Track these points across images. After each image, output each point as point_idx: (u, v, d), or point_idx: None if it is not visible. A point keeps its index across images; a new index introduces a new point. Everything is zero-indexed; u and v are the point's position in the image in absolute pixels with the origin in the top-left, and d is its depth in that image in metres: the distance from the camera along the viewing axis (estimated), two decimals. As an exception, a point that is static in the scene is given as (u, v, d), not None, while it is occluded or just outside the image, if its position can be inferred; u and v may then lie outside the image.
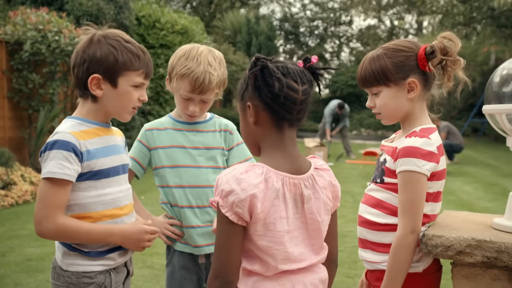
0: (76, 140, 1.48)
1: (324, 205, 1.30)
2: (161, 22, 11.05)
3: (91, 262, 1.54)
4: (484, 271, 1.48)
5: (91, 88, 1.52)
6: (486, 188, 7.60)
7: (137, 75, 1.54)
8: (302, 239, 1.29)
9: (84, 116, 1.57)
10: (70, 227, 1.47)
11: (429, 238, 1.50)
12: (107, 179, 1.55)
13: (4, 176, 6.36)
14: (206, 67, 1.83)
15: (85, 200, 1.52)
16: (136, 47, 1.55)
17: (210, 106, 1.95)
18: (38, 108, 7.70)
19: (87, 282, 1.53)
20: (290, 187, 1.25)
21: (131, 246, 1.59)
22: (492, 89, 1.60)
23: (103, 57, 1.50)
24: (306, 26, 27.45)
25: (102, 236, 1.52)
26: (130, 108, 1.58)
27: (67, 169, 1.45)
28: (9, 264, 3.94)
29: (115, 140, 1.63)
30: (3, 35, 7.53)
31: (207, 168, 1.93)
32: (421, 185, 1.52)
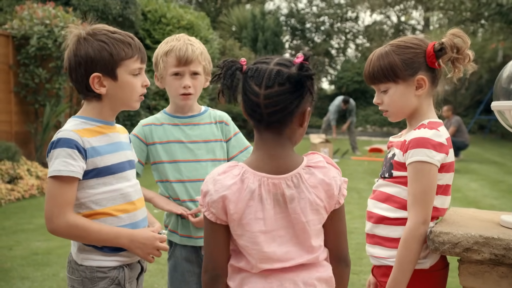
0: (79, 137, 1.49)
1: (311, 204, 1.26)
2: (167, 17, 11.06)
3: (105, 258, 1.55)
4: (491, 268, 1.47)
5: (94, 88, 1.52)
6: (492, 186, 7.56)
7: (133, 62, 1.54)
8: (289, 238, 1.27)
9: (87, 115, 1.57)
10: (80, 225, 1.48)
11: (436, 235, 1.49)
12: (115, 175, 1.56)
13: (10, 171, 6.39)
14: (187, 41, 1.95)
15: (95, 197, 1.53)
16: (123, 35, 1.55)
17: (201, 84, 1.96)
18: (44, 103, 7.73)
19: (101, 277, 1.54)
20: (269, 187, 1.24)
21: (139, 251, 1.57)
22: (501, 86, 1.58)
23: (97, 54, 1.49)
24: (312, 22, 27.34)
25: (111, 237, 1.52)
26: (137, 96, 1.59)
27: (71, 166, 1.46)
28: (15, 258, 3.96)
29: (119, 137, 1.64)
30: (10, 29, 7.56)
31: (206, 161, 1.94)
32: (432, 176, 1.51)
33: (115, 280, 1.55)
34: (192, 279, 1.96)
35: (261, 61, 1.25)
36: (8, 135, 7.49)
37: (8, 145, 6.68)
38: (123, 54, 1.51)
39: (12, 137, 7.51)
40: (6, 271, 3.65)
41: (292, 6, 27.45)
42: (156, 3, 11.39)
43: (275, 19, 18.91)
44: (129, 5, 10.04)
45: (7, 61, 7.58)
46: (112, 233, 1.52)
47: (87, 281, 1.55)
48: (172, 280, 1.99)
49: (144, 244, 1.56)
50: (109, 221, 1.55)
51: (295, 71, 1.19)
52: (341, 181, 1.31)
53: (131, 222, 1.59)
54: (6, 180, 6.29)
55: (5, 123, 7.53)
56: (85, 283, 1.55)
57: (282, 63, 1.22)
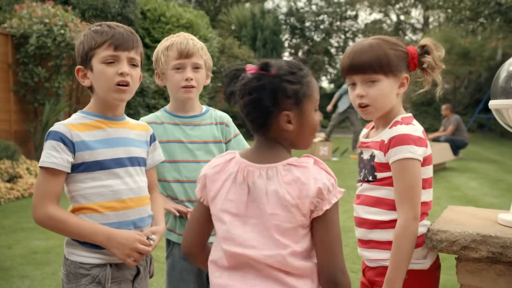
0: (68, 130, 1.49)
1: (280, 199, 1.23)
2: (166, 16, 11.06)
3: (88, 254, 1.52)
4: (489, 266, 1.48)
5: (80, 81, 1.58)
6: (492, 184, 7.56)
7: (104, 49, 1.51)
8: (260, 229, 1.25)
9: (89, 109, 1.61)
10: (58, 218, 1.47)
11: (434, 233, 1.50)
12: (106, 170, 1.53)
13: (10, 169, 6.39)
14: (187, 36, 1.97)
15: (83, 191, 1.52)
16: (102, 26, 1.55)
17: (203, 79, 1.96)
18: (43, 102, 7.73)
19: (84, 274, 1.51)
20: (244, 173, 1.28)
21: (116, 251, 1.50)
22: (499, 84, 1.59)
23: (78, 49, 1.57)
24: (312, 21, 27.33)
25: (88, 232, 1.48)
26: (111, 85, 1.53)
27: (53, 157, 1.46)
28: (15, 256, 3.96)
29: (124, 133, 1.61)
30: (9, 28, 7.55)
31: (205, 162, 1.91)
32: (417, 171, 1.52)
33: (96, 278, 1.51)
34: (190, 278, 1.95)
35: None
36: (8, 134, 7.49)
37: (7, 144, 6.68)
38: (93, 43, 1.52)
39: (11, 136, 7.51)
40: (5, 269, 3.66)
41: (292, 5, 27.44)
42: (155, 2, 11.39)
43: (274, 18, 18.89)
44: (128, 3, 10.04)
45: (6, 60, 7.58)
46: (90, 229, 1.49)
47: (72, 276, 1.53)
48: (170, 278, 1.99)
49: (122, 244, 1.49)
50: (94, 217, 1.52)
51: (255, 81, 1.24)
52: (329, 187, 1.23)
53: (118, 221, 1.54)
54: (5, 179, 6.29)
55: (4, 122, 7.53)
56: (69, 278, 1.53)
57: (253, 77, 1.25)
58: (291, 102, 1.25)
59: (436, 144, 9.56)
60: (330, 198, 1.23)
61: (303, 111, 1.28)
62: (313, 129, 1.33)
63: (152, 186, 1.73)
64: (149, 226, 1.65)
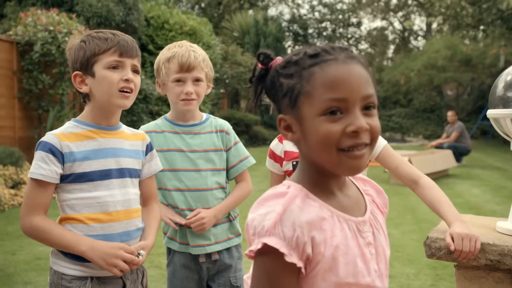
0: (58, 141, 1.48)
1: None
2: (170, 23, 11.12)
3: (69, 265, 1.49)
4: (487, 274, 1.49)
5: (77, 87, 1.53)
6: (494, 191, 7.55)
7: (109, 55, 1.49)
8: None
9: (82, 118, 1.57)
10: (41, 228, 1.45)
11: (433, 240, 1.51)
12: (94, 182, 1.50)
13: (14, 176, 6.43)
14: (189, 47, 1.93)
15: (70, 202, 1.50)
16: (105, 32, 1.54)
17: (203, 91, 1.96)
18: (47, 108, 7.78)
19: (65, 285, 1.48)
20: None
21: (101, 262, 1.44)
22: (497, 94, 1.61)
23: (76, 55, 1.53)
24: (315, 28, 27.45)
25: (71, 243, 1.45)
26: (115, 90, 1.50)
27: (41, 169, 1.45)
28: (18, 262, 3.99)
29: (117, 143, 1.57)
30: (14, 36, 7.62)
31: (206, 171, 1.93)
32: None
33: None
34: (191, 286, 1.96)
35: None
36: (12, 141, 7.54)
37: (11, 150, 6.72)
38: (97, 49, 1.49)
39: (15, 143, 7.55)
40: (9, 275, 3.68)
41: (295, 12, 27.57)
42: (159, 9, 11.46)
43: (277, 25, 18.95)
44: (132, 11, 10.11)
45: (11, 67, 7.64)
46: (73, 239, 1.46)
47: (54, 287, 1.51)
48: (171, 286, 2.00)
49: (106, 253, 1.45)
50: (80, 228, 1.49)
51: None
52: (255, 229, 0.91)
53: (104, 233, 1.50)
54: (9, 185, 6.33)
55: (9, 128, 7.58)
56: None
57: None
58: (286, 103, 0.96)
59: (439, 151, 9.57)
60: (252, 241, 0.92)
61: (301, 116, 0.94)
62: (320, 142, 0.91)
63: (149, 196, 1.70)
64: (137, 239, 1.60)
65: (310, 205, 0.92)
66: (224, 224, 1.97)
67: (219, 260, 1.95)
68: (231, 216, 1.99)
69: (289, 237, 0.88)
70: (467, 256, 1.43)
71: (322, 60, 0.93)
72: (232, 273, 1.97)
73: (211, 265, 1.95)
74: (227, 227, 1.97)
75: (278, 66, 0.97)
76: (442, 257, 1.50)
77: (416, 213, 5.83)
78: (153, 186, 1.73)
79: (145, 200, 1.68)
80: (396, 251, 4.18)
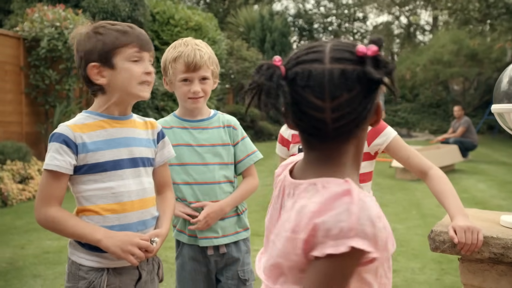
0: (71, 132, 1.48)
1: (281, 225, 0.98)
2: (175, 18, 11.13)
3: (86, 256, 1.52)
4: (491, 267, 1.51)
5: (94, 78, 1.52)
6: (500, 186, 7.54)
7: (130, 48, 1.51)
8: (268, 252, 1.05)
9: (94, 109, 1.57)
10: (56, 218, 1.47)
11: (437, 234, 1.53)
12: (107, 172, 1.51)
13: (21, 171, 6.49)
14: (194, 46, 1.95)
15: (85, 193, 1.51)
16: (122, 25, 1.54)
17: (210, 88, 1.99)
18: (54, 104, 7.83)
19: (82, 276, 1.50)
20: (282, 187, 1.06)
21: (117, 250, 1.45)
22: (501, 89, 1.62)
23: (92, 45, 1.51)
24: (320, 23, 27.37)
25: (86, 232, 1.47)
26: (136, 82, 1.53)
27: (56, 160, 1.46)
28: (27, 256, 4.04)
29: (129, 132, 1.58)
30: (21, 32, 7.66)
31: (213, 164, 1.96)
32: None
33: (91, 284, 1.49)
34: (199, 278, 1.99)
35: (309, 59, 0.92)
36: (19, 136, 7.60)
37: (19, 145, 6.78)
38: (118, 42, 1.50)
39: (23, 138, 7.61)
40: (18, 269, 3.73)
41: (300, 7, 27.49)
42: (165, 4, 11.47)
43: (283, 20, 18.92)
44: (138, 6, 10.13)
45: (18, 63, 7.69)
46: (88, 229, 1.47)
47: (71, 277, 1.53)
48: (180, 278, 2.03)
49: (122, 241, 1.46)
50: (96, 219, 1.50)
51: (372, 70, 0.88)
52: (331, 229, 0.88)
53: (120, 223, 1.52)
54: (17, 180, 6.39)
55: (16, 124, 7.64)
56: (69, 278, 1.53)
57: (341, 57, 0.91)
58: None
59: (445, 145, 9.55)
60: (325, 244, 0.88)
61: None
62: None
63: (163, 184, 1.71)
64: (153, 228, 1.61)
65: (368, 197, 0.92)
66: (232, 218, 1.99)
67: (227, 253, 1.97)
68: (239, 210, 2.02)
69: (370, 234, 0.87)
70: (470, 248, 1.44)
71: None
72: (240, 266, 1.99)
73: (219, 258, 1.97)
74: (235, 221, 2.00)
75: (390, 65, 0.93)
76: (446, 250, 1.52)
77: (421, 208, 5.84)
78: (166, 174, 1.74)
79: (159, 188, 1.69)
80: (401, 245, 4.20)
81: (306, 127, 0.95)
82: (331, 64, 0.90)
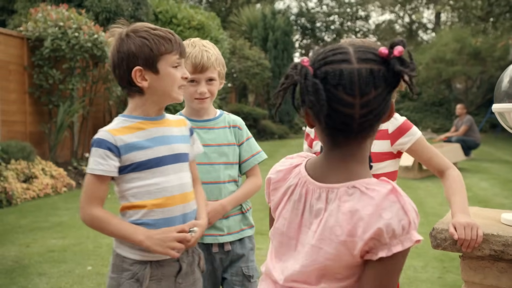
0: (111, 136, 1.57)
1: (328, 231, 1.01)
2: (178, 18, 11.15)
3: (130, 250, 1.61)
4: (492, 264, 1.53)
5: (136, 81, 1.59)
6: (503, 185, 7.55)
7: (173, 55, 1.60)
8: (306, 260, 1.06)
9: (130, 112, 1.65)
10: (101, 218, 1.57)
11: (439, 232, 1.55)
12: (151, 169, 1.60)
13: (25, 170, 6.53)
14: (202, 47, 1.97)
15: (132, 191, 1.60)
16: (164, 31, 1.63)
17: (217, 88, 2.01)
18: (58, 103, 7.87)
19: (126, 268, 1.61)
20: (302, 191, 1.08)
21: (158, 248, 1.56)
22: (502, 89, 1.64)
23: (138, 49, 1.57)
24: (323, 21, 27.37)
25: (128, 232, 1.56)
26: (176, 86, 1.63)
27: (101, 165, 1.56)
28: (32, 254, 4.08)
29: (167, 131, 1.67)
30: (25, 31, 7.70)
31: (219, 164, 1.98)
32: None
33: (135, 275, 1.59)
34: (204, 276, 1.99)
35: (337, 60, 1.00)
36: (23, 135, 7.64)
37: (23, 145, 6.82)
38: (163, 48, 1.58)
39: (27, 137, 7.66)
40: (24, 267, 3.77)
41: (302, 5, 27.49)
42: (167, 3, 11.50)
43: (285, 19, 18.91)
44: (140, 6, 10.15)
45: (22, 63, 7.73)
46: (130, 229, 1.57)
47: (116, 268, 1.63)
48: None
49: (160, 239, 1.56)
50: (142, 213, 1.59)
51: (396, 67, 0.97)
52: (395, 230, 0.95)
53: (164, 217, 1.61)
54: (21, 179, 6.43)
55: (20, 123, 7.69)
56: (114, 269, 1.63)
57: (366, 58, 0.99)
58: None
59: (448, 144, 9.55)
60: (392, 245, 0.96)
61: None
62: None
63: (194, 178, 1.79)
64: (187, 221, 1.69)
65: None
66: (237, 216, 2.01)
67: (232, 250, 1.99)
68: (244, 208, 2.04)
69: (418, 223, 1.00)
70: (470, 245, 1.46)
71: None
72: (245, 263, 2.01)
73: (224, 256, 1.99)
74: (240, 219, 2.02)
75: (412, 64, 1.01)
76: (447, 247, 1.54)
77: (423, 207, 5.86)
78: (196, 168, 1.83)
79: (192, 183, 1.77)
80: (404, 244, 4.21)
81: (334, 123, 1.01)
82: (359, 64, 0.98)
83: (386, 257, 0.96)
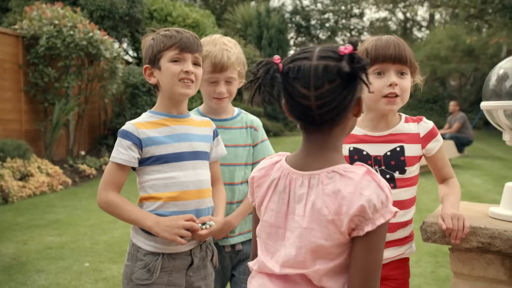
0: (135, 129, 1.67)
1: (316, 212, 1.11)
2: (173, 16, 11.18)
3: (145, 240, 1.68)
4: (479, 255, 1.58)
5: (147, 79, 1.75)
6: (496, 181, 7.63)
7: (171, 50, 1.69)
8: (296, 245, 1.14)
9: (155, 109, 1.77)
10: (115, 202, 1.65)
11: (429, 225, 1.60)
12: (170, 163, 1.68)
13: (21, 168, 6.55)
14: (222, 46, 1.93)
15: (150, 183, 1.68)
16: (171, 30, 1.73)
17: (236, 88, 1.97)
18: (53, 102, 7.88)
19: (140, 258, 1.68)
20: (286, 181, 1.17)
21: (166, 234, 1.61)
22: (489, 87, 1.68)
23: (146, 50, 1.75)
24: (317, 19, 27.40)
25: (139, 217, 1.64)
26: (176, 80, 1.69)
27: (122, 154, 1.66)
28: (30, 252, 4.11)
29: (188, 129, 1.75)
30: (20, 30, 7.71)
31: (234, 165, 1.96)
32: None
33: (147, 266, 1.66)
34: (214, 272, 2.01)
35: (300, 57, 1.11)
36: (19, 133, 7.65)
37: (19, 143, 6.84)
38: (162, 45, 1.69)
39: (22, 135, 7.67)
40: (22, 264, 3.80)
41: (297, 3, 27.51)
42: (162, 2, 11.51)
43: (280, 17, 18.95)
44: (135, 4, 10.17)
45: (17, 61, 7.73)
46: (142, 215, 1.65)
47: (131, 256, 1.70)
48: None
49: (168, 225, 1.62)
50: (157, 204, 1.67)
51: (345, 64, 1.06)
52: (376, 205, 1.07)
53: (178, 210, 1.67)
54: (17, 177, 6.45)
55: (15, 121, 7.69)
56: (129, 257, 1.71)
57: (326, 55, 1.09)
58: (362, 87, 1.12)
59: (441, 141, 9.61)
60: (375, 218, 1.07)
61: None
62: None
63: (215, 178, 1.85)
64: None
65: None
66: (248, 217, 1.98)
67: (242, 249, 1.98)
68: None
69: (391, 198, 1.11)
70: (457, 235, 1.51)
71: None
72: None
73: (234, 255, 1.98)
74: (250, 218, 1.99)
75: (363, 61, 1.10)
76: (437, 240, 1.59)
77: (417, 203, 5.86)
78: (218, 169, 1.89)
79: (212, 182, 1.83)
80: (397, 239, 4.27)
81: (298, 113, 1.14)
82: (317, 61, 1.09)
83: (371, 231, 1.07)
